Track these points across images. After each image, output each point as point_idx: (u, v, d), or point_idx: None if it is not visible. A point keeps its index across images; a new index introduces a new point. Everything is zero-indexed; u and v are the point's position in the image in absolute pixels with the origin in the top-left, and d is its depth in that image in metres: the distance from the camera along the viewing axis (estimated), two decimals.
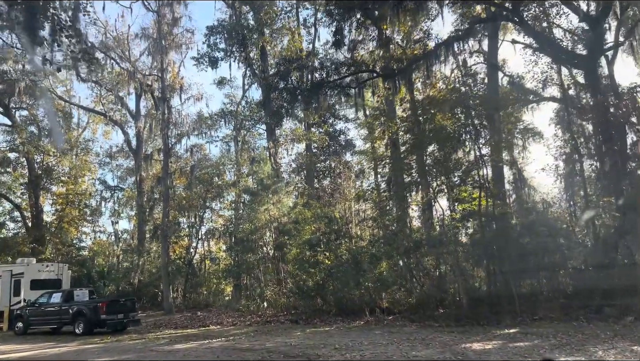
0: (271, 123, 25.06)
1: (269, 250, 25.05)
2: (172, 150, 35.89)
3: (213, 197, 33.53)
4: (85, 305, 21.29)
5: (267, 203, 24.14)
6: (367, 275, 19.54)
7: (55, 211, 39.20)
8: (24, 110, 38.01)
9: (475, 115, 22.38)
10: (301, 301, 22.33)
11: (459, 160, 22.76)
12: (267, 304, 23.12)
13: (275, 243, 24.14)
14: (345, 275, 20.12)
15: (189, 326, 21.91)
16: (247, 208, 25.73)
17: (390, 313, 19.37)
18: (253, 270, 24.81)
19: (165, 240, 31.03)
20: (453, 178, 23.46)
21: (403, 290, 19.72)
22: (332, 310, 20.56)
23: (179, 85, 34.28)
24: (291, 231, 23.56)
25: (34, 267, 26.79)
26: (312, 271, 21.58)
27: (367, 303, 19.88)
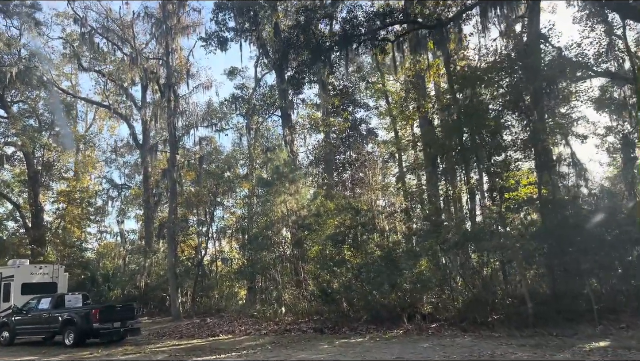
0: (290, 88, 21.87)
1: (287, 248, 21.97)
2: (180, 142, 33.09)
3: (224, 191, 30.57)
4: (77, 312, 18.43)
5: (283, 194, 21.10)
6: (405, 275, 16.35)
7: (56, 210, 36.65)
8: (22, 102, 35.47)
9: (525, 89, 19.25)
10: (325, 306, 19.24)
11: (506, 141, 19.62)
12: (285, 309, 20.09)
13: (294, 239, 21.07)
14: (377, 275, 16.98)
15: (196, 336, 18.95)
16: (261, 200, 22.67)
17: (433, 320, 16.20)
18: (269, 271, 21.77)
19: (172, 238, 28.21)
20: (499, 162, 20.35)
21: (448, 292, 16.50)
22: (362, 316, 17.42)
23: (185, 70, 31.42)
24: (312, 225, 20.49)
25: (26, 269, 24.09)
26: (338, 271, 18.49)
27: (404, 308, 16.73)
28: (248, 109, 28.96)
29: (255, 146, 34.03)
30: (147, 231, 34.65)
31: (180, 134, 33.20)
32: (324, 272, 19.58)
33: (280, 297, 19.95)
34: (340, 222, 19.91)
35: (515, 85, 19.12)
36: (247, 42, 29.22)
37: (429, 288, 16.31)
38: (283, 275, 21.57)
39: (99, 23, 32.12)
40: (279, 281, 20.95)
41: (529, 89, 19.70)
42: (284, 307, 20.07)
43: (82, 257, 36.03)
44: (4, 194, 35.49)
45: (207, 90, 35.45)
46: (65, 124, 30.59)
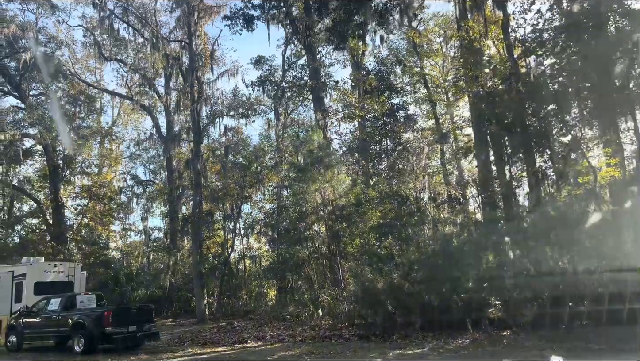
0: (332, 43, 19.08)
1: (322, 242, 19.36)
2: (205, 133, 30.90)
3: (252, 184, 28.21)
4: (88, 314, 16.26)
5: (318, 180, 18.52)
6: (470, 272, 13.56)
7: (77, 205, 35.02)
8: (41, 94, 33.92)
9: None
10: (368, 309, 16.58)
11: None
12: (322, 312, 17.48)
13: (330, 232, 18.47)
14: (434, 272, 14.22)
15: (221, 342, 16.56)
16: (293, 189, 20.11)
17: (505, 327, 13.38)
18: (302, 268, 19.21)
19: (196, 234, 26.03)
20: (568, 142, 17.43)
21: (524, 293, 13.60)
22: (414, 321, 14.69)
23: (209, 54, 29.22)
24: (351, 216, 17.86)
25: (39, 267, 22.12)
26: (384, 269, 15.78)
27: (468, 311, 13.95)
28: (277, 93, 26.43)
29: (285, 133, 31.60)
30: (172, 227, 32.62)
31: (205, 124, 31.06)
32: (367, 270, 16.92)
33: (317, 298, 17.37)
34: (385, 212, 17.22)
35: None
36: (275, 21, 26.76)
37: (501, 288, 13.44)
38: (318, 273, 18.97)
39: (119, 6, 30.15)
40: (315, 280, 18.38)
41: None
42: (320, 310, 17.48)
43: (104, 255, 34.26)
44: (24, 189, 34.05)
45: (232, 78, 33.04)
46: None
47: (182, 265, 32.71)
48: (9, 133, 27.30)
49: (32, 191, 34.77)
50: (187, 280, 31.40)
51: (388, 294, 15.81)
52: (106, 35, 34.08)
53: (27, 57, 26.52)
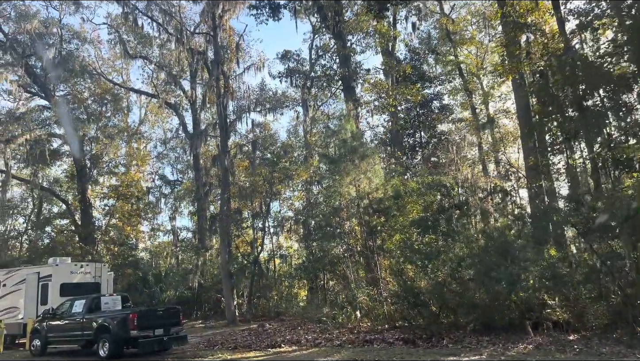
0: (371, 11, 17.60)
1: (358, 238, 17.99)
2: (232, 128, 29.95)
3: (280, 180, 27.11)
4: (112, 317, 15.34)
5: (353, 172, 17.19)
6: (529, 270, 12.02)
7: (105, 205, 34.59)
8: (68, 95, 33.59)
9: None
10: (411, 310, 15.22)
11: None
12: (360, 313, 16.15)
13: (367, 227, 17.11)
14: (486, 269, 12.74)
15: (253, 346, 15.41)
16: (325, 182, 18.82)
17: (572, 330, 11.81)
18: (337, 266, 17.89)
19: (225, 233, 25.03)
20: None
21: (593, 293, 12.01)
22: (466, 323, 13.26)
23: (235, 46, 28.25)
24: (390, 209, 16.47)
25: (65, 267, 21.46)
26: (429, 266, 14.36)
27: (528, 312, 12.45)
28: (305, 83, 25.19)
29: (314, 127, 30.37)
30: (200, 226, 31.81)
31: (231, 120, 30.14)
32: (409, 267, 15.54)
33: (355, 299, 16.05)
34: (427, 205, 15.78)
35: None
36: (302, 9, 25.56)
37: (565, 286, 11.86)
38: (355, 271, 17.63)
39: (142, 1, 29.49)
40: (351, 279, 17.05)
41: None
42: (358, 311, 16.15)
43: (133, 256, 33.69)
44: (52, 190, 33.79)
45: (258, 72, 32.11)
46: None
47: (211, 265, 31.91)
48: (35, 133, 26.87)
49: (61, 192, 34.50)
50: (216, 280, 30.55)
51: (433, 293, 14.42)
52: (131, 33, 33.53)
53: (51, 54, 26.04)
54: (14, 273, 21.85)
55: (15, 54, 27.13)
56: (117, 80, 38.84)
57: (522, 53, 16.75)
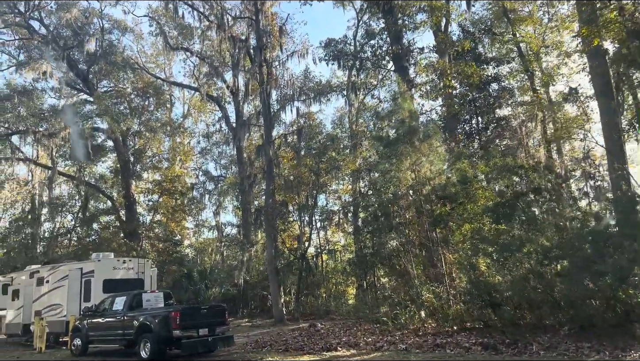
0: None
1: (420, 229, 16.09)
2: (275, 118, 28.60)
3: (327, 170, 25.53)
4: (153, 315, 14.16)
5: (413, 155, 15.35)
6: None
7: (149, 201, 34.04)
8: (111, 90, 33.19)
9: None
10: (484, 310, 13.29)
11: None
12: (424, 314, 14.30)
13: (431, 217, 15.21)
14: (582, 262, 10.67)
15: (306, 349, 13.85)
16: (380, 168, 17.00)
17: None
18: (397, 261, 16.07)
19: (270, 226, 23.69)
20: None
21: None
22: (562, 325, 11.22)
23: (277, 32, 26.87)
24: (457, 196, 14.53)
25: (107, 263, 20.62)
26: (508, 259, 12.38)
27: (632, 313, 10.32)
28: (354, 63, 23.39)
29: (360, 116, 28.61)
30: (244, 220, 30.65)
31: (274, 110, 28.81)
32: (481, 261, 13.58)
33: (419, 297, 14.23)
34: (501, 190, 13.77)
35: None
36: None
37: None
38: (417, 266, 15.77)
39: None
40: (414, 275, 15.22)
41: None
42: (423, 311, 14.30)
43: (177, 252, 32.97)
44: (98, 186, 33.52)
45: (302, 59, 30.58)
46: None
47: (257, 261, 30.78)
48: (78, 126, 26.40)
49: (106, 188, 34.24)
50: (261, 277, 29.40)
51: (514, 290, 12.43)
52: (172, 24, 32.78)
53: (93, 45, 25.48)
54: (56, 269, 21.24)
55: (57, 47, 26.78)
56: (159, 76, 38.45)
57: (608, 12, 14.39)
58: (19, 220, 36.12)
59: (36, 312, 20.82)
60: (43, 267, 22.78)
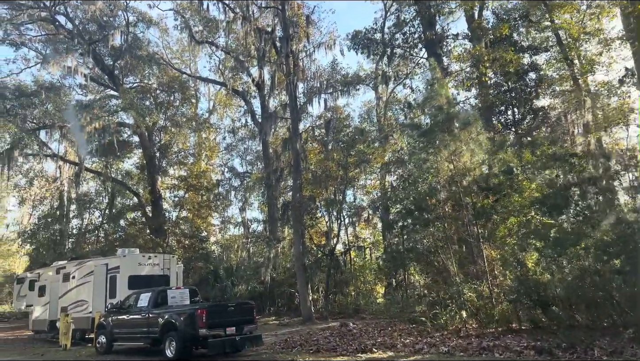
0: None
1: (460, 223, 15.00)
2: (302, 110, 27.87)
3: (356, 163, 24.62)
4: (179, 312, 13.53)
5: (452, 144, 14.31)
6: None
7: (175, 196, 33.71)
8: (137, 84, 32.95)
9: None
10: (531, 310, 12.22)
11: None
12: (466, 313, 13.29)
13: (472, 210, 14.16)
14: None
15: (339, 350, 13.00)
16: (414, 159, 15.94)
17: None
18: (435, 257, 15.05)
19: (298, 221, 22.94)
20: None
21: None
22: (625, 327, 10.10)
23: (304, 23, 26.08)
24: (501, 187, 13.45)
25: (132, 259, 20.20)
26: (560, 255, 11.27)
27: None
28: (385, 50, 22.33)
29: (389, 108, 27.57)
30: (270, 215, 29.99)
31: (301, 103, 28.05)
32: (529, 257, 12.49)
33: (460, 296, 13.21)
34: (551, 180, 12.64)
35: None
36: None
37: None
38: (456, 263, 14.72)
39: None
40: (454, 272, 14.20)
41: None
42: (464, 310, 13.29)
43: (203, 249, 32.55)
44: (124, 182, 33.34)
45: (329, 50, 29.67)
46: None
47: (283, 257, 30.11)
48: (103, 120, 26.14)
49: (132, 185, 34.07)
50: (289, 274, 28.70)
51: (567, 289, 11.34)
52: (197, 17, 32.31)
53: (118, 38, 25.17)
54: (82, 265, 20.93)
55: (82, 41, 26.57)
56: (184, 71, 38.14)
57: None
58: (48, 216, 36.30)
59: (62, 308, 20.54)
60: (69, 263, 22.52)
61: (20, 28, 29.72)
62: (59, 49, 25.99)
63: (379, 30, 26.03)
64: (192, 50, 38.74)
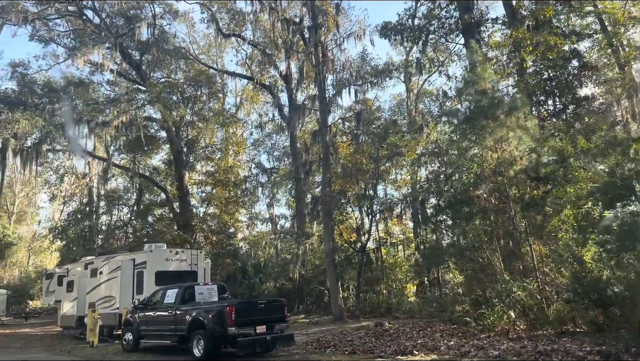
0: None
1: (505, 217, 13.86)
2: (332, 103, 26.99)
3: (388, 156, 23.65)
4: (207, 310, 12.86)
5: (497, 131, 13.22)
6: None
7: (202, 192, 33.35)
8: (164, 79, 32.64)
9: None
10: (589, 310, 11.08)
11: None
12: (514, 313, 12.21)
13: (520, 201, 13.00)
14: None
15: (377, 352, 12.10)
16: (455, 146, 14.83)
17: None
18: (479, 253, 13.97)
19: (328, 216, 22.12)
20: None
21: None
22: None
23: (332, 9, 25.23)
24: (554, 176, 12.32)
25: (159, 254, 19.72)
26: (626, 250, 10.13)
27: None
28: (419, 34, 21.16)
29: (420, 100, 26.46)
30: (299, 212, 29.29)
31: (330, 95, 27.22)
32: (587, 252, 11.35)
33: (508, 294, 12.14)
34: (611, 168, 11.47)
35: None
36: None
37: None
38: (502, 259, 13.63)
39: None
40: (500, 269, 13.12)
41: None
42: (512, 310, 12.21)
43: (231, 245, 32.08)
44: (152, 178, 33.13)
45: (358, 41, 28.70)
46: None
47: (312, 254, 29.35)
48: (130, 114, 25.83)
49: (160, 181, 33.86)
50: (317, 271, 27.94)
51: (630, 288, 10.18)
52: (224, 11, 31.83)
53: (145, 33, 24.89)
54: (110, 260, 20.59)
55: (109, 34, 26.34)
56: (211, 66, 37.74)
57: None
58: (77, 212, 36.45)
59: (90, 304, 20.23)
60: (97, 258, 22.27)
61: (48, 24, 29.81)
62: (86, 42, 25.76)
63: (412, 17, 24.97)
64: (218, 44, 38.40)
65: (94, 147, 36.05)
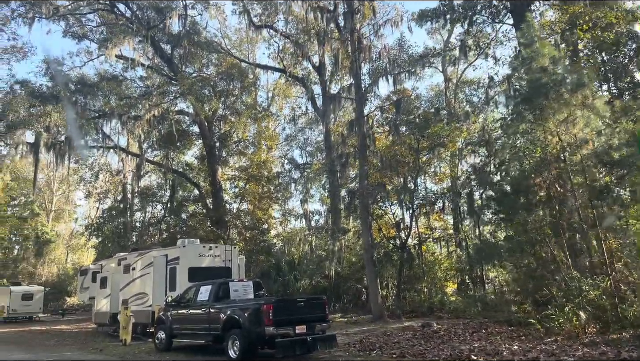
0: None
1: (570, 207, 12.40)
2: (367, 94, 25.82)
3: (430, 147, 22.35)
4: (242, 308, 11.95)
5: (562, 110, 11.81)
6: None
7: (235, 188, 32.73)
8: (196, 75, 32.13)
9: None
10: None
11: None
12: (585, 315, 10.80)
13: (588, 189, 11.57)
14: None
15: (429, 356, 10.92)
16: (513, 128, 13.32)
17: None
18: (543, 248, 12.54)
19: (365, 210, 20.98)
20: None
21: None
22: None
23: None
24: (630, 161, 10.85)
25: (192, 249, 19.00)
26: None
27: None
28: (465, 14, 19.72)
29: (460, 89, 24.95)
30: (333, 207, 28.22)
31: (366, 85, 26.05)
32: None
33: (579, 293, 10.76)
34: None
35: None
36: None
37: None
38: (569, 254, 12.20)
39: None
40: (568, 265, 11.71)
41: None
42: (582, 311, 10.80)
43: (264, 241, 31.31)
44: (184, 174, 32.70)
45: (395, 28, 27.37)
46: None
47: (348, 251, 28.29)
48: (162, 107, 25.32)
49: (193, 176, 33.44)
50: (354, 268, 26.86)
51: None
52: (255, 3, 31.04)
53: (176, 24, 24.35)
54: (143, 256, 20.02)
55: (140, 26, 25.93)
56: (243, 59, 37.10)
57: None
58: (112, 209, 36.45)
59: (123, 301, 19.68)
60: (130, 254, 21.78)
61: (81, 19, 29.70)
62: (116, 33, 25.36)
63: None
64: (250, 38, 37.72)
65: (127, 143, 36.06)
